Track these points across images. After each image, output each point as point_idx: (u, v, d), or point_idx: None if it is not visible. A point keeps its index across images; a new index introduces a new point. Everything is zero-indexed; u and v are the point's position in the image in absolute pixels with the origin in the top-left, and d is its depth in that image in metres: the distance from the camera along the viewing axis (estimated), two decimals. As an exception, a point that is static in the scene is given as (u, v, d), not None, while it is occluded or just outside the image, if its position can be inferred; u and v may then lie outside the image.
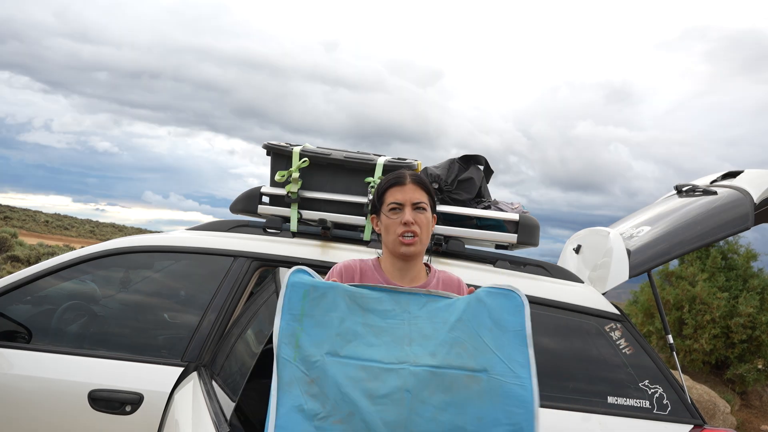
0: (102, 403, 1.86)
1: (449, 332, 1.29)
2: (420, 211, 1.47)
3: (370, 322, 1.29)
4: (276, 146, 2.28)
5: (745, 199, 2.10)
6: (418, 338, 1.28)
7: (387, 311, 1.31)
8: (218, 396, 1.75)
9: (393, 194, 1.49)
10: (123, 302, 2.23)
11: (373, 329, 1.28)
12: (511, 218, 2.19)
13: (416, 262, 1.53)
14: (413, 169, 2.16)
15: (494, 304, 1.32)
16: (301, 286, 1.28)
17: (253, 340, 2.52)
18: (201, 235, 2.26)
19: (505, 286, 1.35)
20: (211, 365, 1.96)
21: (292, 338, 1.23)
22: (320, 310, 1.27)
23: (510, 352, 1.28)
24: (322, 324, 1.26)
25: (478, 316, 1.31)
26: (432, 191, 1.53)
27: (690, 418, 1.88)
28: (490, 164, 2.48)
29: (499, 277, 2.09)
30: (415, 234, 1.45)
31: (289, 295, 1.27)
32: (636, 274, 2.12)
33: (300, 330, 1.24)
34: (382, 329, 1.29)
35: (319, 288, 1.29)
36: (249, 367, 2.29)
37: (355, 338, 1.27)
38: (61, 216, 60.17)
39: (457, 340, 1.28)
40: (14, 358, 1.95)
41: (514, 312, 1.32)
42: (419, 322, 1.30)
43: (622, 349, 1.96)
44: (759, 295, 6.37)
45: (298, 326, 1.25)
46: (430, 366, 1.24)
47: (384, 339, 1.28)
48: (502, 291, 1.34)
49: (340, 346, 1.25)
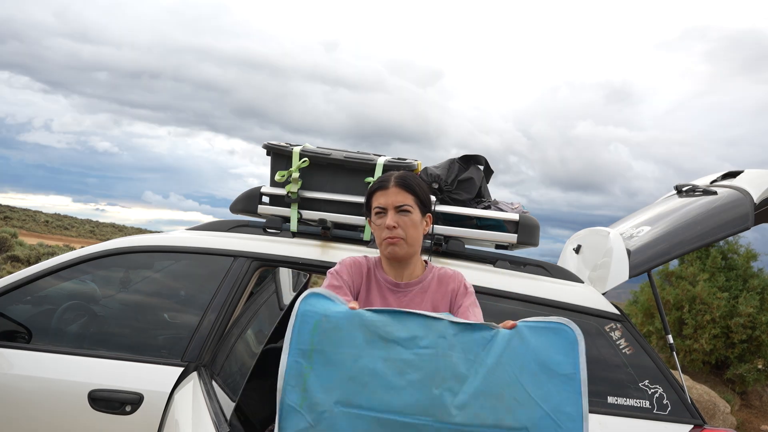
0: (102, 403, 1.86)
1: (485, 378, 1.09)
2: (404, 213, 1.47)
3: (394, 355, 1.10)
4: (276, 146, 2.28)
5: (745, 199, 2.10)
6: (449, 378, 1.09)
7: (415, 338, 1.12)
8: (218, 396, 1.75)
9: (377, 199, 1.50)
10: (123, 302, 2.23)
11: (396, 365, 1.10)
12: (511, 218, 2.19)
13: (410, 262, 1.54)
14: (413, 170, 2.16)
15: (540, 342, 1.13)
16: (312, 315, 1.11)
17: (253, 340, 2.52)
18: (201, 235, 2.26)
19: (554, 319, 1.16)
20: (211, 365, 1.96)
21: (299, 380, 1.08)
22: (333, 344, 1.10)
23: (558, 402, 1.08)
24: (334, 363, 1.09)
25: (519, 359, 1.11)
26: (420, 192, 1.51)
27: (690, 418, 1.88)
28: (490, 164, 2.48)
29: (499, 277, 2.09)
30: (399, 237, 1.46)
31: (298, 326, 1.11)
32: (636, 274, 2.12)
33: (309, 369, 1.08)
34: (407, 363, 1.10)
35: (332, 318, 1.11)
36: (249, 367, 2.30)
37: (373, 379, 1.08)
38: (61, 216, 60.19)
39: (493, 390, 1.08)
40: (14, 358, 1.95)
41: (566, 351, 1.12)
42: (453, 355, 1.11)
43: (622, 349, 1.96)
44: (759, 295, 6.38)
45: (306, 365, 1.09)
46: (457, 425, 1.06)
47: (409, 377, 1.09)
48: (549, 326, 1.14)
49: (354, 393, 1.08)
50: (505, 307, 2.00)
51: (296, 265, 2.16)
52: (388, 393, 1.08)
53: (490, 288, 2.02)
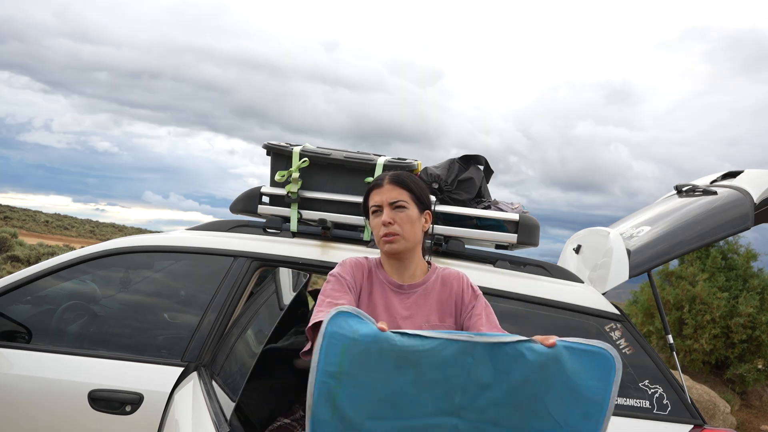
0: (102, 403, 1.86)
1: (508, 390, 1.11)
2: (399, 209, 1.48)
3: (424, 378, 1.11)
4: (276, 146, 2.28)
5: (745, 199, 2.10)
6: (472, 387, 1.11)
7: (446, 359, 1.12)
8: (218, 396, 1.75)
9: (373, 197, 1.52)
10: (123, 302, 2.23)
11: (426, 385, 1.11)
12: (511, 218, 2.19)
13: (411, 259, 1.54)
14: (413, 170, 2.16)
15: (576, 365, 1.11)
16: (340, 338, 1.10)
17: (253, 340, 2.52)
18: (201, 235, 2.26)
19: (595, 343, 1.14)
20: (211, 365, 1.96)
21: (329, 397, 1.08)
22: (361, 368, 1.10)
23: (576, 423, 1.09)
24: (364, 386, 1.10)
25: (550, 381, 1.11)
26: (414, 188, 1.52)
27: (690, 418, 1.88)
28: (490, 164, 2.48)
29: (499, 277, 2.09)
30: (395, 233, 1.47)
31: (326, 348, 1.09)
32: (636, 274, 2.12)
33: (338, 389, 1.09)
34: (435, 382, 1.11)
35: (360, 343, 1.10)
36: (249, 367, 2.30)
37: (402, 399, 1.11)
38: (61, 216, 60.21)
39: (512, 401, 1.11)
40: (14, 358, 1.95)
41: (600, 376, 1.11)
42: (480, 369, 1.12)
43: (622, 349, 1.96)
44: (759, 295, 6.38)
45: (335, 385, 1.09)
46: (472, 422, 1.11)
47: (436, 393, 1.11)
48: (589, 348, 1.13)
49: (383, 411, 1.10)
50: (505, 307, 2.00)
51: (296, 265, 2.16)
52: (416, 408, 1.12)
53: (490, 288, 2.02)
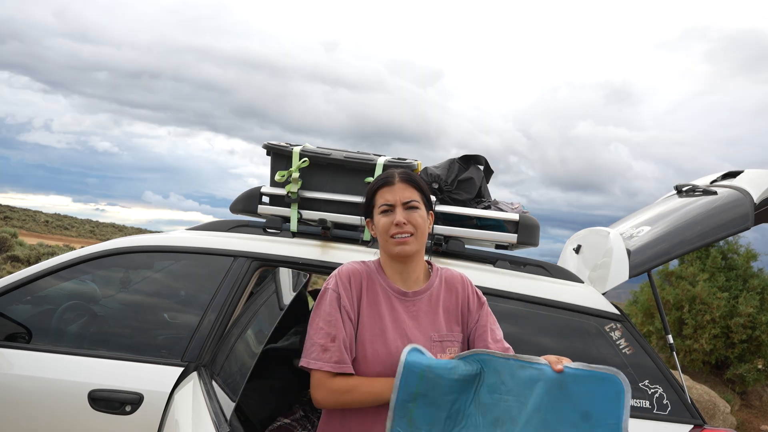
0: (102, 403, 1.86)
1: (526, 422, 1.21)
2: (412, 209, 1.43)
3: (482, 399, 1.30)
4: (276, 146, 2.28)
5: (745, 199, 2.10)
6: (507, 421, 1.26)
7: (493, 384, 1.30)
8: (218, 396, 1.75)
9: (383, 195, 1.45)
10: (123, 302, 2.23)
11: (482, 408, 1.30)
12: (511, 218, 2.19)
13: (416, 262, 1.50)
14: (413, 170, 2.16)
15: (584, 392, 1.17)
16: (418, 366, 1.31)
17: (253, 340, 2.52)
18: (201, 235, 2.26)
19: (602, 368, 1.18)
20: (211, 365, 1.96)
21: (406, 412, 1.30)
22: (434, 390, 1.30)
23: None
24: (435, 404, 1.30)
25: (559, 409, 1.17)
26: (424, 188, 1.49)
27: (690, 418, 1.88)
28: (490, 164, 2.48)
29: (499, 277, 2.09)
30: (410, 234, 1.42)
31: (406, 375, 1.31)
32: (636, 274, 2.12)
33: (414, 406, 1.30)
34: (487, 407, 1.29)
35: (435, 369, 1.31)
36: (249, 367, 2.29)
37: (465, 419, 1.30)
38: (61, 216, 60.21)
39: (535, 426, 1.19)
40: (14, 358, 1.95)
41: (611, 400, 1.15)
42: (510, 399, 1.28)
43: (622, 349, 1.96)
44: (759, 295, 6.38)
45: (411, 403, 1.30)
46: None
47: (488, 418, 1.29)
48: (597, 375, 1.17)
49: (450, 428, 1.30)
50: (505, 307, 2.00)
51: (296, 265, 2.16)
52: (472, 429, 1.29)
53: (490, 288, 2.02)
